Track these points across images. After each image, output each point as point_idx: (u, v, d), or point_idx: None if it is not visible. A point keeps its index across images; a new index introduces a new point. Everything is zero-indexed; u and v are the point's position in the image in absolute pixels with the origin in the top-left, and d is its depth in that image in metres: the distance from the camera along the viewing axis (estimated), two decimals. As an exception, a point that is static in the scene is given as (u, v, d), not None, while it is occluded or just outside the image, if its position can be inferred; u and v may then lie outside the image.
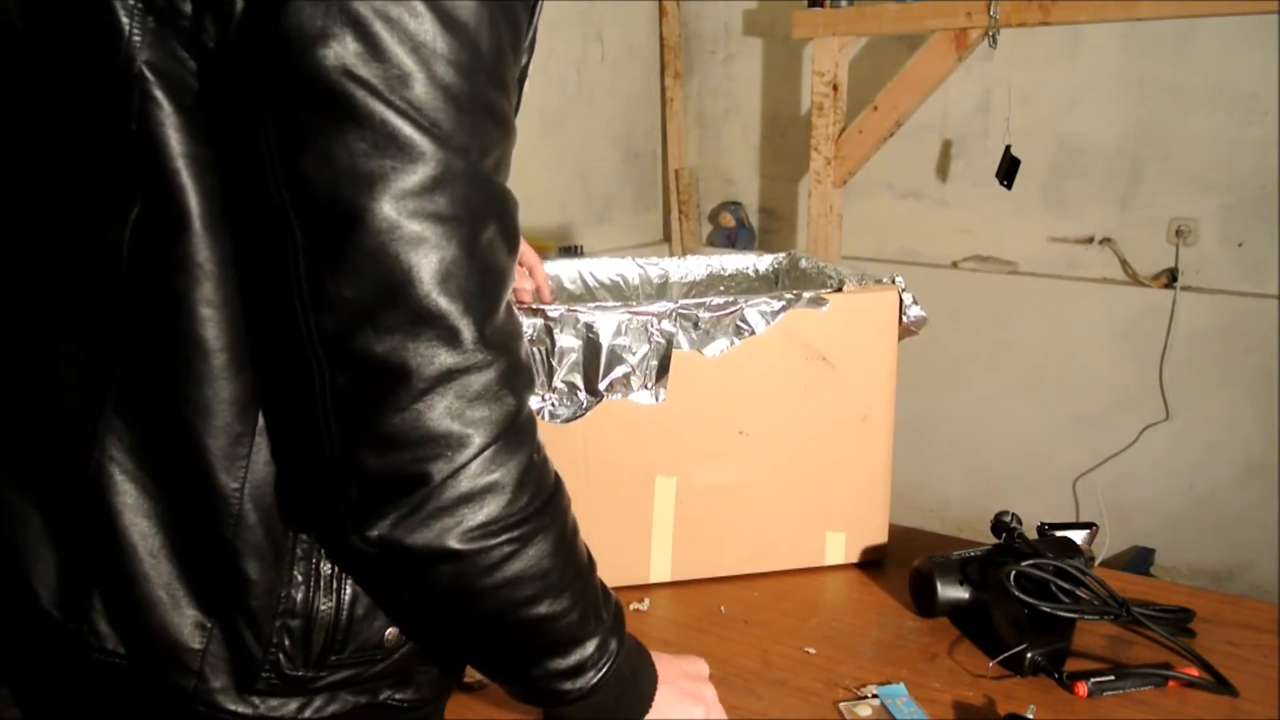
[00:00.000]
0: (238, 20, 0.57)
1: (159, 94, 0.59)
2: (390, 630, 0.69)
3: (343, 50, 0.53)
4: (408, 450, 0.58)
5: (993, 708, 0.96)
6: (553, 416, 1.11)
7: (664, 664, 0.81)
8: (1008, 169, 2.54)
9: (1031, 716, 0.93)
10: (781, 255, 1.46)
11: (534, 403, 1.11)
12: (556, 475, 0.68)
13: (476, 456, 0.59)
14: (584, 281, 1.39)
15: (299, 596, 0.66)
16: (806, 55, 3.13)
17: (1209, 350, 2.71)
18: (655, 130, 3.48)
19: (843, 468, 1.22)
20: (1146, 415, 2.81)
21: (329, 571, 0.66)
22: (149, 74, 0.59)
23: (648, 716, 0.78)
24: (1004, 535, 1.11)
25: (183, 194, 0.60)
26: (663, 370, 1.12)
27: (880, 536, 1.26)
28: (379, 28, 0.53)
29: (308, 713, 0.68)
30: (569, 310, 1.09)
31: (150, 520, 0.65)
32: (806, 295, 1.15)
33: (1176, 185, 2.72)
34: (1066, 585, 1.02)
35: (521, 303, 1.14)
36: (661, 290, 1.44)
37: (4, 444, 0.69)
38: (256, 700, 0.67)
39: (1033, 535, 1.12)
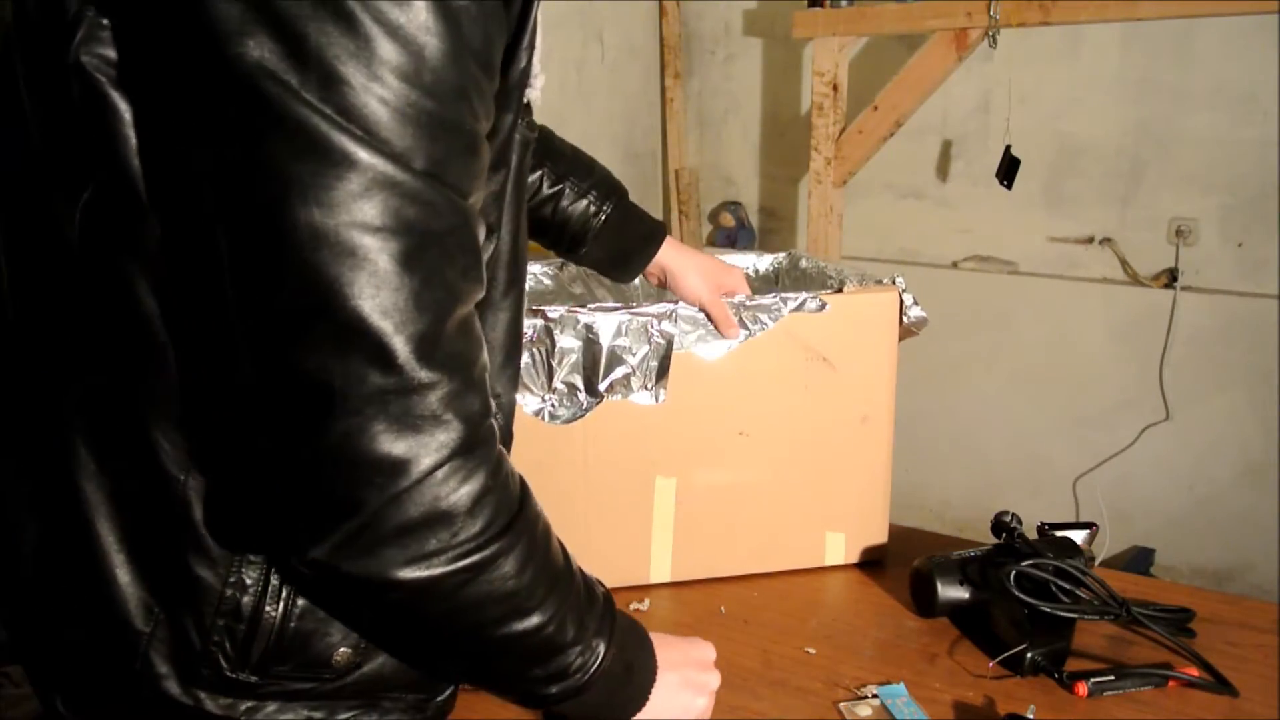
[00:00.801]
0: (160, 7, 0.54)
1: (106, 87, 0.57)
2: (341, 650, 0.67)
3: (260, 50, 0.50)
4: (340, 474, 0.55)
5: (993, 708, 0.96)
6: (553, 417, 1.11)
7: (670, 650, 0.80)
8: (1008, 169, 2.54)
9: (1031, 716, 0.93)
10: (782, 255, 1.46)
11: (532, 404, 1.11)
12: (522, 488, 0.65)
13: (418, 484, 0.56)
14: (584, 282, 1.39)
15: (246, 601, 0.64)
16: (806, 55, 3.13)
17: (1209, 350, 2.71)
18: (655, 130, 3.47)
19: (843, 468, 1.22)
20: (1146, 415, 2.81)
21: (279, 582, 0.65)
22: (91, 66, 0.57)
23: (648, 708, 0.76)
24: (1004, 535, 1.11)
25: (134, 181, 0.58)
26: (663, 371, 1.12)
27: (880, 537, 1.26)
28: (301, 28, 0.50)
29: (257, 716, 0.67)
30: (569, 311, 1.09)
31: (111, 502, 0.65)
32: (807, 296, 1.15)
33: (1176, 185, 2.72)
34: (1066, 585, 1.02)
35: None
36: (662, 290, 1.44)
37: None
38: (200, 693, 0.66)
39: (1033, 535, 1.12)
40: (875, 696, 0.98)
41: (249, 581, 0.64)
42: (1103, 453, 2.88)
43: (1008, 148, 2.55)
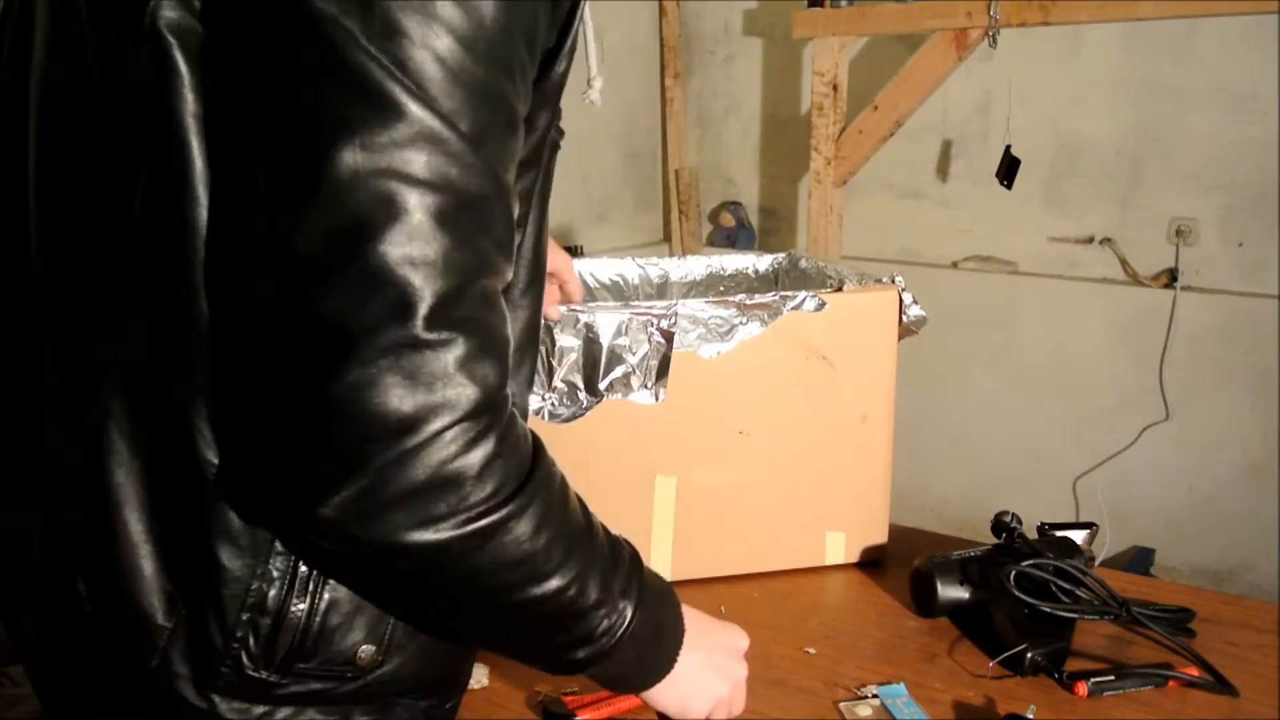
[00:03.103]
0: None
1: (175, 53, 0.58)
2: (365, 649, 0.66)
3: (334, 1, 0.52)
4: (347, 427, 0.54)
5: (993, 708, 0.96)
6: (553, 416, 1.11)
7: (704, 632, 0.79)
8: (1008, 169, 2.54)
9: (1031, 716, 0.93)
10: (781, 255, 1.46)
11: (533, 402, 1.10)
12: (535, 448, 0.64)
13: (426, 444, 0.55)
14: (584, 282, 1.39)
15: (271, 593, 0.63)
16: (806, 55, 3.13)
17: (1209, 350, 2.71)
18: (655, 130, 3.47)
19: (843, 467, 1.22)
20: (1146, 415, 2.81)
21: (306, 573, 0.64)
22: (165, 32, 0.58)
23: (671, 683, 0.75)
24: (1004, 535, 1.11)
25: (186, 153, 0.59)
26: (663, 370, 1.12)
27: (880, 536, 1.26)
28: None
29: None
30: (569, 310, 1.09)
31: (140, 487, 0.63)
32: (806, 295, 1.15)
33: (1176, 185, 2.72)
34: (1066, 585, 1.02)
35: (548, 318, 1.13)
36: (662, 290, 1.44)
37: (6, 400, 0.69)
38: (215, 697, 0.64)
39: (1033, 535, 1.12)
40: (875, 696, 0.98)
41: (275, 574, 0.63)
42: (1103, 453, 2.88)
43: (1008, 148, 2.55)
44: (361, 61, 0.52)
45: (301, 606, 0.63)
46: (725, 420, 1.18)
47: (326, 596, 0.64)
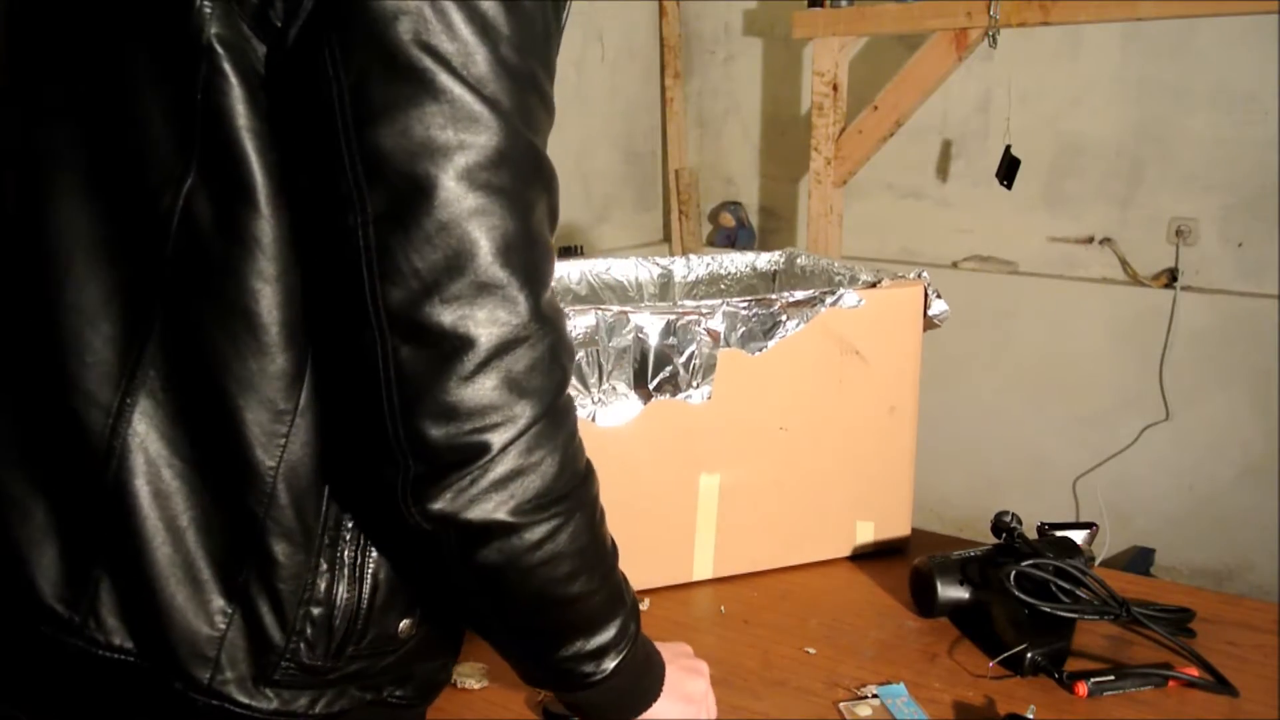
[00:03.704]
0: None
1: (226, 67, 0.60)
2: (404, 622, 0.70)
3: (421, 26, 0.55)
4: (469, 420, 0.59)
5: (993, 708, 0.96)
6: (600, 419, 1.11)
7: (661, 650, 0.84)
8: (1008, 169, 2.54)
9: (1031, 716, 0.93)
10: (778, 254, 1.47)
11: (584, 405, 1.10)
12: (587, 457, 0.69)
13: (529, 429, 0.61)
14: (587, 282, 1.39)
15: (323, 584, 0.66)
16: (806, 55, 3.13)
17: (1209, 350, 2.71)
18: (655, 130, 3.47)
19: (872, 458, 1.25)
20: (1146, 415, 2.81)
21: (352, 560, 0.66)
22: (218, 47, 0.59)
23: (662, 694, 0.79)
24: (1004, 535, 1.11)
25: (245, 167, 0.60)
26: (709, 369, 1.13)
27: (904, 526, 1.29)
28: (451, 5, 0.56)
29: (318, 708, 0.68)
30: (620, 311, 1.09)
31: (176, 499, 0.64)
32: (845, 292, 1.17)
33: (1176, 185, 2.72)
34: (1066, 585, 1.02)
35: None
36: (664, 290, 1.44)
37: (11, 431, 0.67)
38: (270, 693, 0.66)
39: (1033, 535, 1.12)
40: (875, 696, 0.98)
41: (324, 565, 0.66)
42: (1103, 453, 2.88)
43: (1008, 148, 2.55)
44: (456, 86, 0.56)
45: (351, 592, 0.67)
46: (767, 416, 1.19)
47: (370, 580, 0.67)
